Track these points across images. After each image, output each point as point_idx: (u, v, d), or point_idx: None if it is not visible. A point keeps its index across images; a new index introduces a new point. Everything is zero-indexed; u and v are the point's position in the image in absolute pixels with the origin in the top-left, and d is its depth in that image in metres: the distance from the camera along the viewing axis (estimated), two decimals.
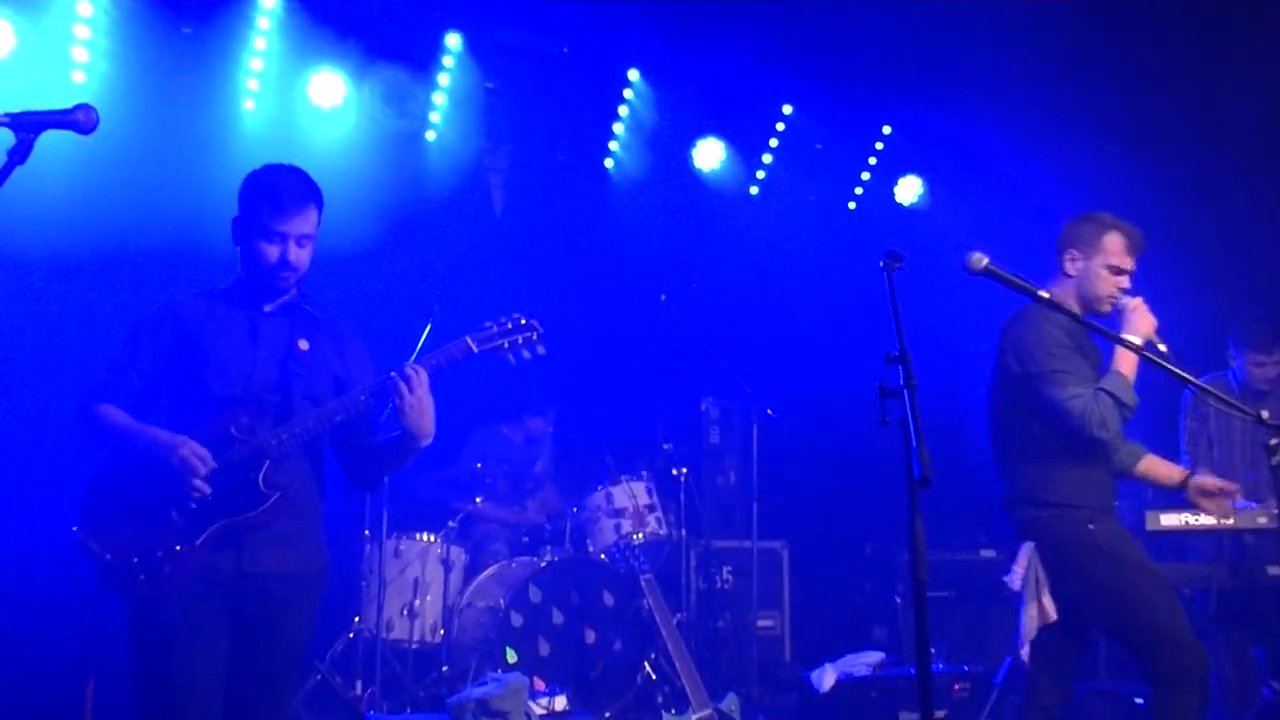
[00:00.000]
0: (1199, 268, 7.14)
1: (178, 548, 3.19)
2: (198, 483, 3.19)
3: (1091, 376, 4.14)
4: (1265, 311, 6.17)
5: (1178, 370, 3.76)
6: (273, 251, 3.40)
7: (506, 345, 3.55)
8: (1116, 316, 4.16)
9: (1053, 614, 4.32)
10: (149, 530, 3.20)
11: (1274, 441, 3.61)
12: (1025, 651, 4.94)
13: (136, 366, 3.46)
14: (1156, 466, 4.45)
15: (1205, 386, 3.94)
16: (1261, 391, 5.93)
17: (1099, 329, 4.01)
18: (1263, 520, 5.09)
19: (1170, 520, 5.15)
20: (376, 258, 6.75)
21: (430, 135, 7.46)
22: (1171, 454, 5.20)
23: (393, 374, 3.36)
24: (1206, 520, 4.99)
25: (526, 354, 3.59)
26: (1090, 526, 4.16)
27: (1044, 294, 3.56)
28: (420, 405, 3.36)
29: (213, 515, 3.24)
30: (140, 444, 3.29)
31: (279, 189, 3.43)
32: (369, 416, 3.53)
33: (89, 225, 5.97)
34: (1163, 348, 4.06)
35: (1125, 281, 4.22)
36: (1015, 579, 4.35)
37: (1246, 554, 5.25)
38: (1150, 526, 5.03)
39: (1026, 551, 4.23)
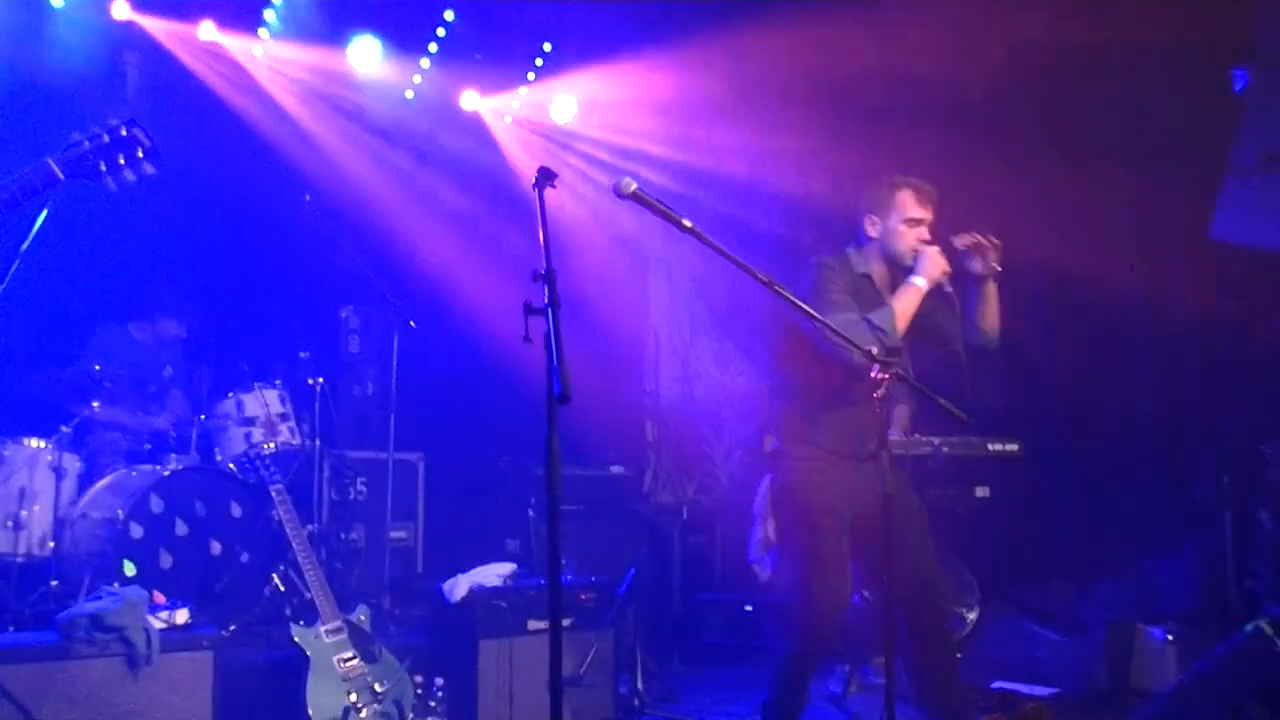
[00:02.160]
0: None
1: None
2: None
3: (856, 309, 4.40)
4: None
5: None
6: None
7: (104, 167, 2.98)
8: (918, 262, 4.44)
9: (771, 538, 4.78)
10: None
11: (877, 376, 3.88)
12: (756, 567, 5.48)
13: None
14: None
15: (820, 318, 4.20)
16: None
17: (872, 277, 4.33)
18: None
19: None
20: None
21: (57, 1, 6.82)
22: None
23: None
24: None
25: (131, 174, 3.03)
26: (799, 464, 4.53)
27: (687, 223, 3.64)
28: None
29: None
30: None
31: None
32: None
33: None
34: (949, 290, 4.44)
35: (924, 232, 4.52)
36: (755, 503, 4.84)
37: None
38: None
39: (765, 480, 4.63)
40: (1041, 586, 6.73)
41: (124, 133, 3.00)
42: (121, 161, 2.97)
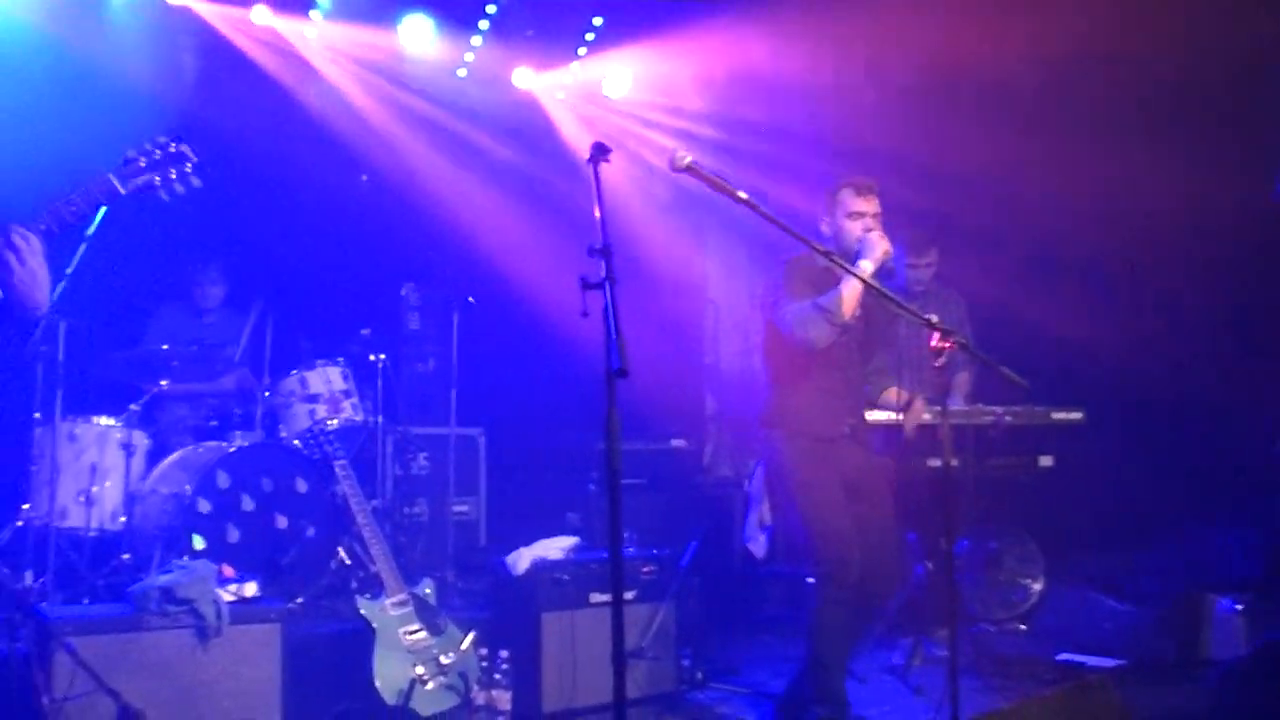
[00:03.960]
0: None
1: None
2: None
3: (810, 296, 4.63)
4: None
5: (884, 290, 4.17)
6: None
7: (158, 180, 3.19)
8: (862, 248, 4.60)
9: (766, 519, 4.94)
10: None
11: (938, 344, 3.89)
12: (752, 546, 5.63)
13: None
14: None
15: (892, 296, 4.21)
16: (917, 294, 6.39)
17: (838, 261, 4.31)
18: (926, 417, 5.51)
19: None
20: (52, 124, 6.23)
21: None
22: None
23: None
24: (877, 416, 5.38)
25: (180, 187, 3.24)
26: (781, 446, 4.78)
27: (743, 194, 3.65)
28: (33, 277, 2.99)
29: None
30: None
31: None
32: None
33: None
34: (889, 266, 4.60)
35: (868, 221, 4.73)
36: (749, 485, 5.01)
37: (909, 447, 5.69)
38: None
39: (761, 465, 4.79)
40: (1107, 556, 6.67)
41: (173, 149, 3.22)
42: (173, 176, 3.20)
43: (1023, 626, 6.56)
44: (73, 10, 6.73)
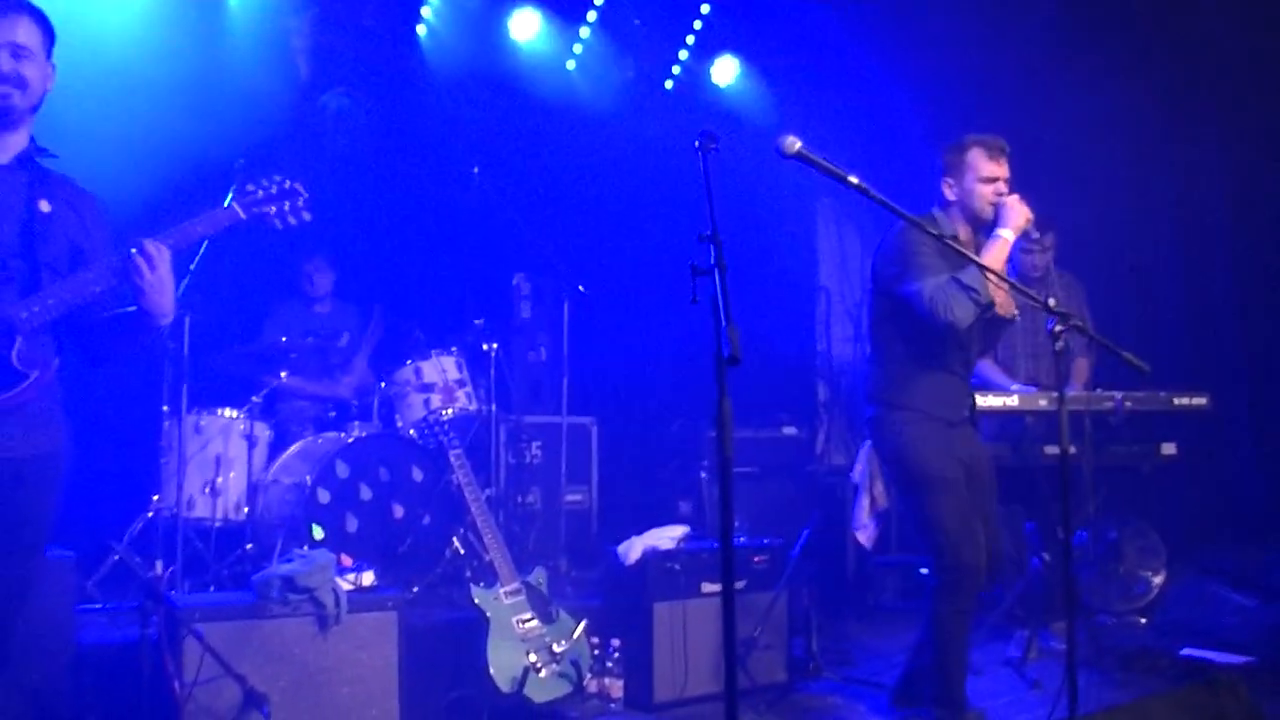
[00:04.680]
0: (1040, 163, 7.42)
1: None
2: None
3: (946, 271, 4.34)
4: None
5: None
6: None
7: (273, 210, 3.40)
8: (999, 214, 4.41)
9: (882, 501, 4.75)
10: None
11: (1056, 329, 3.80)
12: (861, 536, 5.46)
13: None
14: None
15: (1004, 277, 4.12)
16: (1034, 279, 6.25)
17: (958, 249, 4.09)
18: (1043, 403, 5.40)
19: None
20: (173, 122, 6.41)
21: None
22: None
23: (132, 250, 3.11)
24: (993, 401, 5.27)
25: (293, 220, 3.45)
26: (904, 428, 4.51)
27: (854, 179, 3.60)
28: (161, 284, 3.11)
29: None
30: None
31: None
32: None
33: None
34: (1037, 235, 4.45)
35: (1000, 186, 4.49)
36: (855, 471, 4.79)
37: (1026, 435, 5.57)
38: None
39: (866, 447, 4.60)
40: (1232, 548, 6.47)
41: (287, 185, 3.44)
42: (286, 208, 3.43)
43: (1143, 620, 6.39)
44: (191, 17, 6.89)
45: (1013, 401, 5.43)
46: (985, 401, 5.25)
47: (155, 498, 5.96)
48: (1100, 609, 6.38)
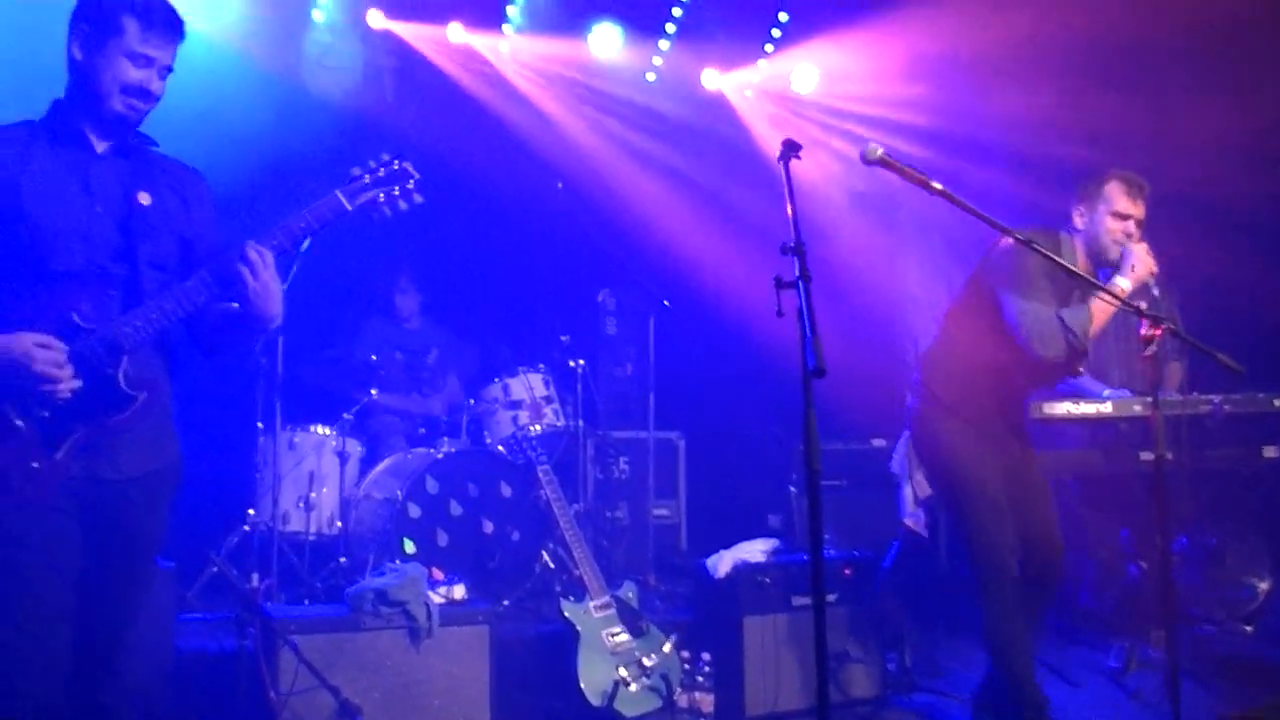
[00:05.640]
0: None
1: (34, 464, 2.76)
2: (62, 385, 2.76)
3: (1052, 303, 4.31)
4: None
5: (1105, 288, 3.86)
6: (135, 74, 2.93)
7: (382, 197, 3.16)
8: (1123, 260, 4.33)
9: (924, 490, 4.68)
10: None
11: (1148, 332, 3.72)
12: (910, 523, 5.36)
13: None
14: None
15: (1094, 280, 4.04)
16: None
17: (1086, 278, 4.12)
18: (1137, 409, 5.29)
19: (1053, 409, 5.34)
20: (264, 143, 6.54)
21: (318, 15, 7.21)
22: None
23: (233, 257, 2.96)
24: (1085, 409, 5.18)
25: (404, 204, 3.20)
26: (942, 429, 4.52)
27: (937, 185, 3.57)
28: (266, 289, 2.98)
29: (71, 422, 2.82)
30: None
31: (153, 6, 2.95)
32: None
33: None
34: (1156, 293, 4.30)
35: (1131, 226, 4.41)
36: (894, 462, 4.71)
37: (1120, 440, 5.46)
38: (1034, 415, 5.19)
39: (905, 437, 4.55)
40: None
41: (396, 166, 3.19)
42: (396, 192, 3.17)
43: (1248, 628, 6.21)
44: (281, 34, 7.04)
45: (1106, 408, 5.33)
46: (1078, 409, 5.17)
47: (251, 512, 6.08)
48: (1202, 617, 6.21)
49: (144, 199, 3.00)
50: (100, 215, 2.95)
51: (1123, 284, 4.23)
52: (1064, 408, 5.34)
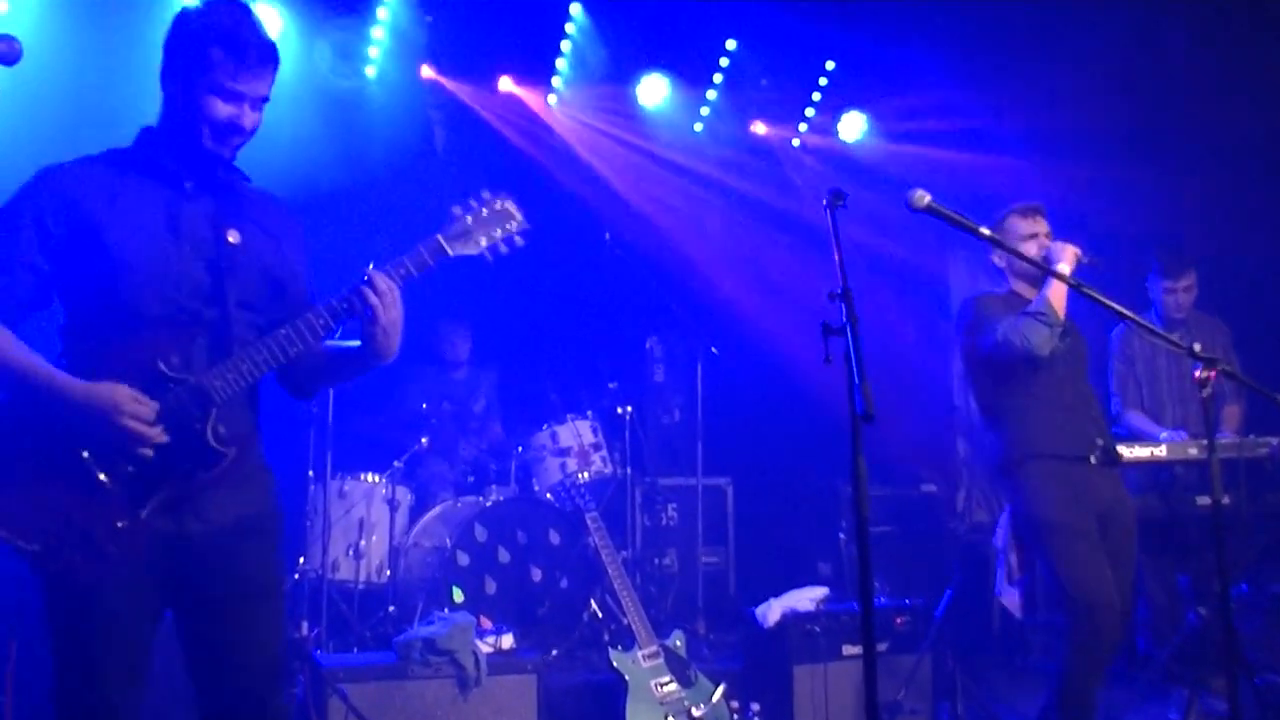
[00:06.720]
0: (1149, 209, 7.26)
1: (119, 524, 2.59)
2: (148, 446, 2.60)
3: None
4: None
5: (1102, 298, 3.81)
6: (225, 111, 2.74)
7: (484, 244, 3.00)
8: (1049, 261, 4.44)
9: (1017, 572, 4.71)
10: (76, 503, 2.57)
11: (1202, 374, 3.67)
12: (1005, 601, 5.34)
13: (18, 264, 2.68)
14: None
15: (1134, 316, 3.99)
16: (1177, 321, 6.06)
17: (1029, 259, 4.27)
18: (1193, 452, 5.21)
19: None
20: (319, 199, 6.62)
21: (370, 71, 7.33)
22: (1102, 398, 5.30)
23: (363, 289, 2.78)
24: (1140, 452, 5.11)
25: (504, 248, 3.04)
26: (1029, 479, 4.47)
27: (985, 230, 3.60)
28: (395, 326, 2.82)
29: (157, 479, 2.64)
30: (43, 388, 2.61)
31: (242, 38, 2.74)
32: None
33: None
34: (1085, 260, 4.41)
35: (1043, 240, 4.61)
36: (997, 536, 4.74)
37: (1176, 484, 5.38)
38: None
39: (1005, 513, 4.58)
40: None
41: (499, 206, 3.05)
42: (497, 235, 3.02)
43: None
44: (337, 91, 7.15)
45: (1161, 451, 5.25)
46: (1133, 453, 5.09)
47: (301, 560, 6.11)
48: (1265, 666, 6.06)
49: (233, 237, 2.81)
50: (189, 256, 2.76)
51: (1059, 268, 4.29)
52: (1119, 451, 5.27)
